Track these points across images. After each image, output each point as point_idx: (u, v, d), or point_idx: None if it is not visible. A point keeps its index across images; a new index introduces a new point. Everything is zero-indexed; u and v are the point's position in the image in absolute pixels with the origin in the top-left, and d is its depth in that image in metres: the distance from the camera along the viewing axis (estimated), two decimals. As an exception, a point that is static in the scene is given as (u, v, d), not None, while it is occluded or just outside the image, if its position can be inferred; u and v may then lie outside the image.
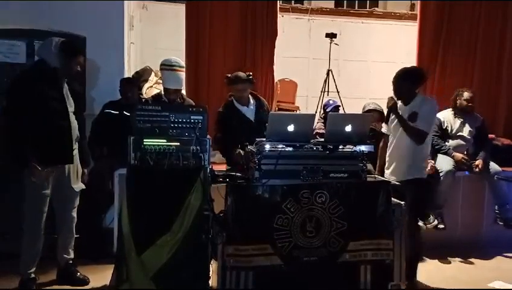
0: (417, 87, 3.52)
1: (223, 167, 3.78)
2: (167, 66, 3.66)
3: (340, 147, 2.91)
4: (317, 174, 2.82)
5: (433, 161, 4.30)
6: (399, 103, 3.52)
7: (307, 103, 7.36)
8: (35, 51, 3.76)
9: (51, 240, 3.40)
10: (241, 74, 3.80)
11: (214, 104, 5.22)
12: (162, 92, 3.83)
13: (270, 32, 5.32)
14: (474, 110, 4.58)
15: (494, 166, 4.44)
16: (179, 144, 2.71)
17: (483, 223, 4.51)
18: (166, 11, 6.45)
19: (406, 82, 3.43)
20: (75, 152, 3.34)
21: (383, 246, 2.92)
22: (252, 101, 3.90)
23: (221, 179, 2.87)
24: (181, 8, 5.24)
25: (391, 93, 3.54)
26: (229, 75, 3.83)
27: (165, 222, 2.64)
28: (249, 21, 5.25)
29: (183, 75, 3.76)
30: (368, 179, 3.00)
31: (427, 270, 3.82)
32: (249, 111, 3.86)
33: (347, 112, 5.46)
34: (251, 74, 3.83)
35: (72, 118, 3.27)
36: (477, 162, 4.39)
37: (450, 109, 4.59)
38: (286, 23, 6.89)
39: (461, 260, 4.17)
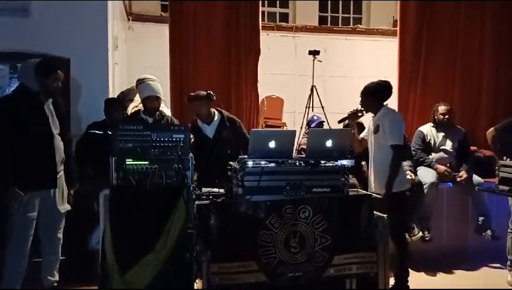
0: (382, 101, 3.63)
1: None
2: (140, 81, 3.89)
3: (322, 162, 2.94)
4: (300, 190, 2.85)
5: (412, 174, 4.35)
6: (370, 115, 3.70)
7: (294, 118, 7.43)
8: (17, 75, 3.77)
9: (36, 262, 3.34)
10: (199, 92, 3.91)
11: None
12: (141, 109, 3.89)
13: (253, 49, 5.38)
14: (453, 122, 4.67)
15: (476, 178, 4.50)
16: (161, 163, 2.72)
17: (469, 234, 4.54)
18: (151, 31, 6.54)
19: (369, 96, 3.60)
20: (60, 174, 3.31)
21: (367, 259, 2.94)
22: (216, 118, 3.93)
23: (204, 197, 2.88)
24: (165, 28, 5.30)
25: None
26: (190, 94, 3.96)
27: (148, 242, 2.64)
28: (232, 39, 5.30)
29: (158, 85, 3.89)
30: (350, 193, 3.02)
31: (414, 282, 3.82)
32: (209, 128, 3.91)
33: (332, 127, 5.51)
34: (211, 92, 3.90)
35: (57, 140, 3.26)
36: (460, 174, 4.46)
37: (431, 124, 4.68)
38: (271, 40, 7.00)
39: (447, 271, 4.18)
